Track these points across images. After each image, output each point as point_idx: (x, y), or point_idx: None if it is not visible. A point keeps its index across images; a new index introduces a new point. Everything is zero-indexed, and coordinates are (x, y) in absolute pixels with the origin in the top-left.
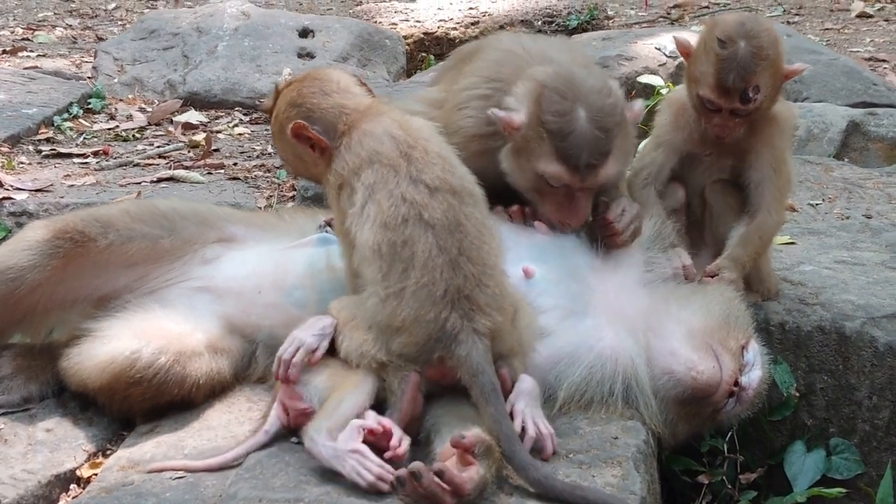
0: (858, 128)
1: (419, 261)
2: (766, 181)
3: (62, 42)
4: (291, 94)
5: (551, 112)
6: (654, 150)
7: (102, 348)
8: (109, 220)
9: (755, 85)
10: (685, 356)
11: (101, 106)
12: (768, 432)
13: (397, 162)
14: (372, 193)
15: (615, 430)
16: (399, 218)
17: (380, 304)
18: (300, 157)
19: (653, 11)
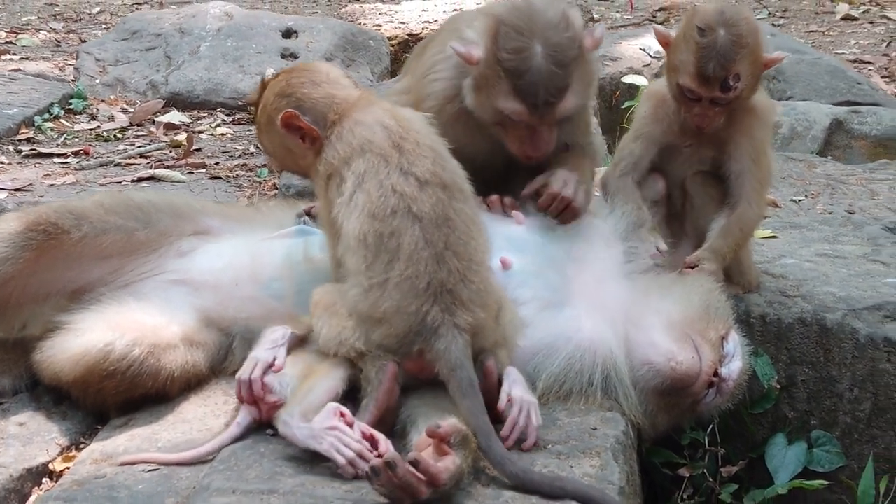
0: (842, 126)
1: (405, 253)
2: (746, 172)
3: (45, 45)
4: (280, 85)
5: (507, 50)
6: (633, 141)
7: (76, 341)
8: (83, 211)
9: (735, 73)
10: (665, 347)
11: (83, 106)
12: (749, 425)
13: (389, 152)
14: (361, 182)
15: (594, 421)
16: (388, 209)
17: (362, 294)
18: (288, 148)
19: (638, 14)
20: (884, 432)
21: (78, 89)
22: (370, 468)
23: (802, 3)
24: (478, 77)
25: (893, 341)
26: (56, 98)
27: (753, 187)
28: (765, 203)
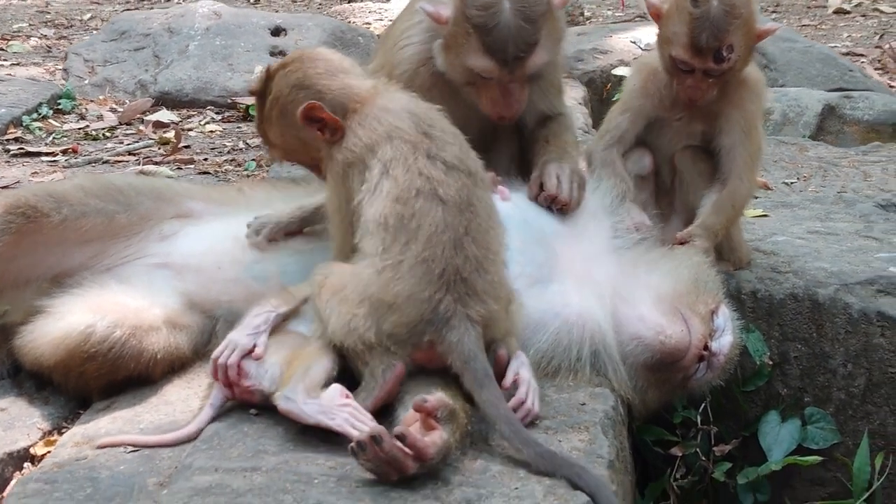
0: (834, 111)
1: (424, 234)
2: (737, 146)
3: (36, 51)
4: (295, 75)
5: (476, 6)
6: (621, 114)
7: (56, 324)
8: (63, 194)
9: (729, 44)
10: (653, 321)
11: (72, 106)
12: (742, 403)
13: (417, 138)
14: (388, 170)
15: (583, 397)
16: (413, 191)
17: (375, 275)
18: (301, 140)
19: (630, 12)
20: (878, 408)
21: (66, 89)
22: (356, 442)
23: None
24: (447, 37)
25: (887, 315)
26: (45, 98)
27: (745, 162)
28: (756, 178)
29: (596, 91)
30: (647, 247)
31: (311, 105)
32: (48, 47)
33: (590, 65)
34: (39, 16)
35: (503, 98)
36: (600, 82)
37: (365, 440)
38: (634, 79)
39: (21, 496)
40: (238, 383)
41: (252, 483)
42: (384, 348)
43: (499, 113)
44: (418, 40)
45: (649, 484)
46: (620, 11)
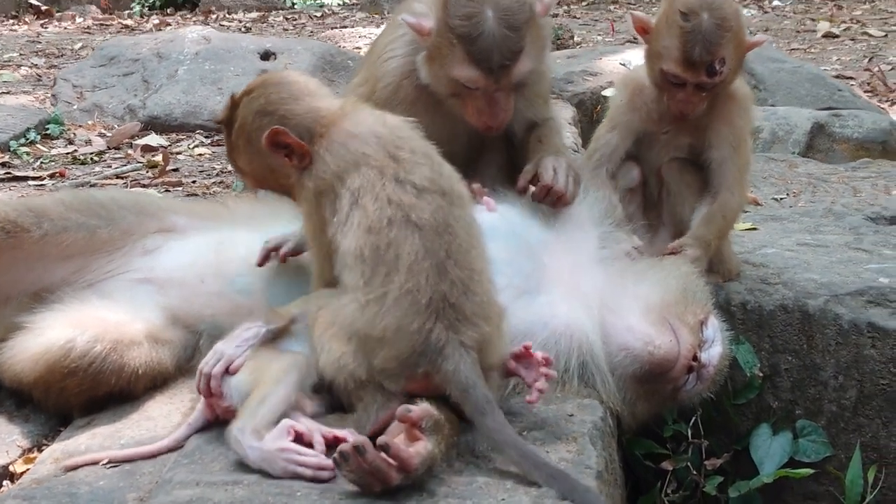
0: (823, 129)
1: (404, 263)
2: (727, 161)
3: (27, 80)
4: (258, 102)
5: (458, 16)
6: (609, 131)
7: (36, 340)
8: (43, 209)
9: (721, 57)
10: (642, 331)
11: (60, 131)
12: (733, 416)
13: (384, 163)
14: (358, 199)
15: (571, 408)
16: (384, 220)
17: (359, 311)
18: (270, 167)
19: (619, 37)
20: (870, 420)
21: (55, 115)
22: (339, 453)
23: (783, 23)
24: (431, 48)
25: (877, 326)
26: (33, 123)
27: (734, 175)
28: (746, 191)
29: (585, 113)
30: (633, 258)
31: (274, 130)
32: (38, 76)
33: (579, 86)
34: (30, 45)
35: (489, 108)
36: (590, 104)
37: (348, 450)
38: (620, 94)
39: None
40: (219, 399)
41: (234, 496)
42: (377, 384)
43: (485, 123)
44: (401, 53)
45: (640, 498)
46: (610, 37)
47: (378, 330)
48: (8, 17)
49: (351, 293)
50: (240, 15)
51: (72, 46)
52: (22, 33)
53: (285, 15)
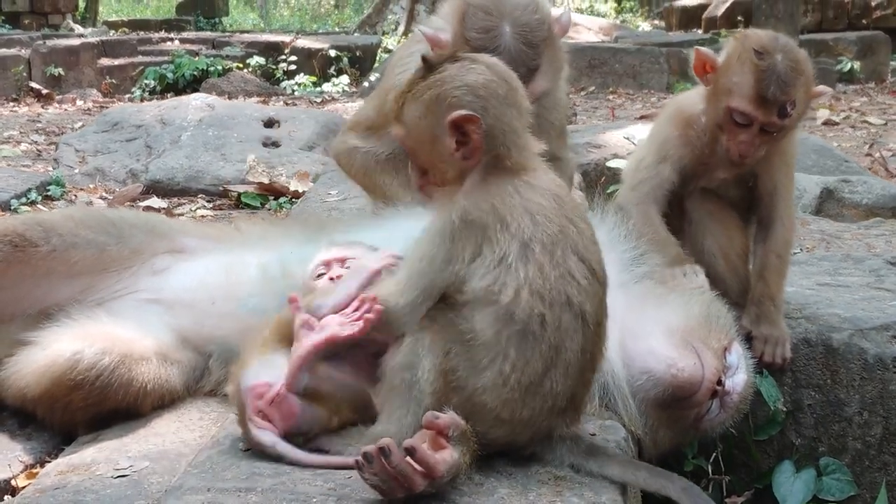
0: (832, 194)
1: (563, 363)
2: (779, 189)
3: (26, 155)
4: (475, 77)
5: (476, 29)
6: (659, 162)
7: (42, 353)
8: (52, 224)
9: (793, 100)
10: (664, 354)
11: (61, 193)
12: (755, 453)
13: (565, 225)
14: (528, 251)
15: (593, 428)
16: (563, 297)
17: (498, 383)
18: (433, 141)
19: (620, 122)
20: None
21: (56, 176)
22: (362, 454)
23: None
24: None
25: None
26: (34, 184)
27: (786, 204)
28: (794, 220)
29: (590, 184)
30: (655, 282)
31: (470, 117)
32: (38, 151)
33: (584, 158)
34: (30, 124)
35: None
36: (594, 175)
37: (372, 452)
38: (669, 126)
39: None
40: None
41: (247, 502)
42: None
43: None
44: (415, 65)
45: None
46: (611, 121)
47: (507, 412)
48: (9, 100)
49: (491, 356)
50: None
51: (72, 125)
52: (23, 113)
53: (285, 100)
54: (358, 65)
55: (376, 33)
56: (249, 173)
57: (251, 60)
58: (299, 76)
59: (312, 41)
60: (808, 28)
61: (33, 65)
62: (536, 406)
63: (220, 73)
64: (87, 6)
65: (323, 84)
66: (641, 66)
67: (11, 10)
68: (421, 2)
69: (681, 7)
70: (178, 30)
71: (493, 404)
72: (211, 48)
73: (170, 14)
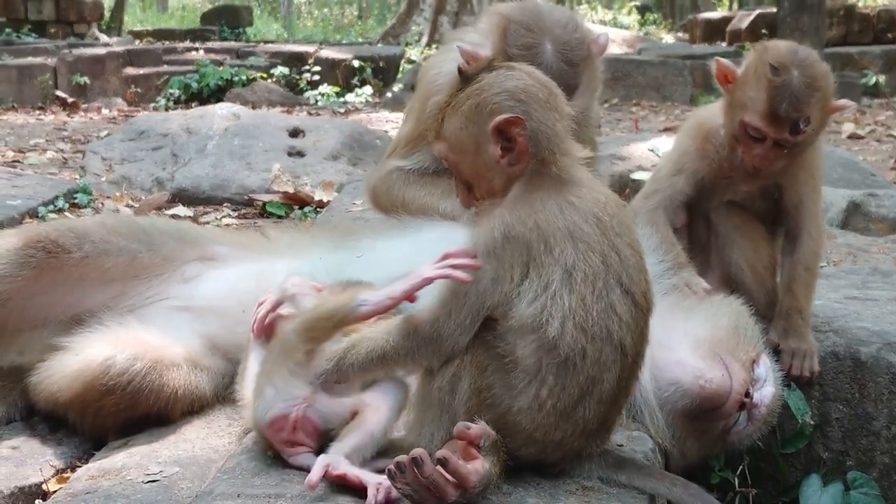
0: (859, 208)
1: (597, 393)
2: (805, 202)
3: (52, 163)
4: (516, 83)
5: (518, 45)
6: (674, 174)
7: (74, 358)
8: (85, 231)
9: (807, 116)
10: (692, 365)
11: (88, 201)
12: (782, 466)
13: (608, 253)
14: (570, 278)
15: (620, 439)
16: (604, 331)
17: (534, 407)
18: (477, 149)
19: (644, 134)
20: None
21: (83, 184)
22: (395, 464)
23: None
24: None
25: None
26: (61, 192)
27: (813, 216)
28: (822, 231)
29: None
30: (683, 294)
31: (515, 119)
32: (64, 159)
33: (608, 170)
34: (56, 133)
35: None
36: (618, 187)
37: (405, 462)
38: (687, 139)
39: None
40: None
41: None
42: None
43: None
44: (450, 69)
45: None
46: (634, 133)
47: (540, 433)
48: (35, 108)
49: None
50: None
51: (97, 134)
52: (48, 122)
53: (309, 110)
54: (381, 75)
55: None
56: (274, 182)
57: (275, 70)
58: (323, 86)
59: (336, 52)
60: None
61: (59, 73)
62: (569, 430)
63: (245, 83)
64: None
65: (346, 94)
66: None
67: (37, 19)
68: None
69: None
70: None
71: (526, 426)
72: (235, 58)
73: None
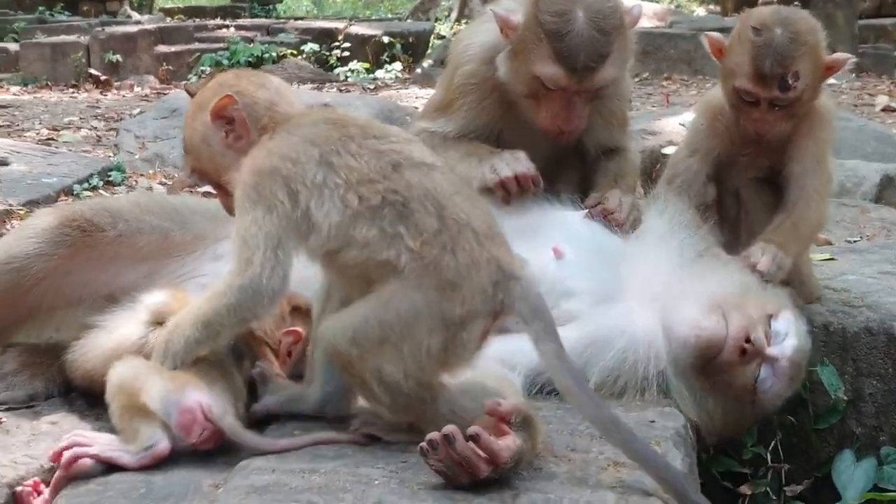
0: (893, 182)
1: (444, 196)
2: (808, 174)
3: (86, 140)
4: (226, 77)
5: (550, 12)
6: (689, 156)
7: (108, 337)
8: (119, 209)
9: (794, 71)
10: (689, 317)
11: (122, 179)
12: (814, 441)
13: (345, 131)
14: (328, 164)
15: (651, 415)
16: (388, 166)
17: (417, 255)
18: (208, 142)
19: (675, 109)
20: None
21: (117, 162)
22: (427, 441)
23: (841, 97)
24: (516, 42)
25: None
26: (95, 170)
27: (815, 189)
28: (826, 209)
29: (645, 171)
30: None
31: (226, 98)
32: (98, 137)
33: (639, 145)
34: (90, 110)
35: (565, 112)
36: (649, 162)
37: (437, 439)
38: (700, 119)
39: (72, 497)
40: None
41: (310, 483)
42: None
43: (558, 127)
44: (481, 40)
45: None
46: (665, 107)
47: (451, 272)
48: (68, 86)
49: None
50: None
51: (130, 111)
52: (82, 99)
53: (339, 87)
54: (411, 51)
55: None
56: None
57: (305, 47)
58: (352, 63)
59: (365, 28)
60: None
61: (92, 51)
62: (466, 246)
63: (275, 59)
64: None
65: (376, 71)
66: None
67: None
68: None
69: None
70: (233, 16)
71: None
72: (265, 35)
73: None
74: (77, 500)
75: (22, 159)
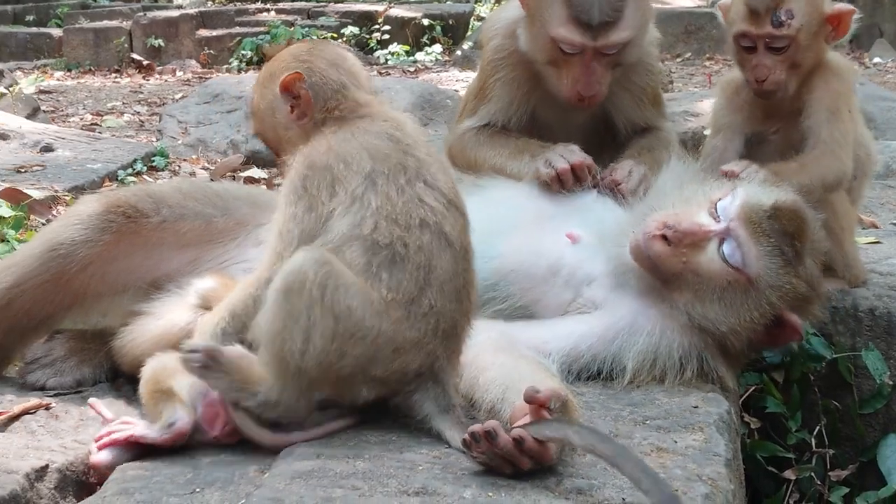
0: None
1: (437, 280)
2: (823, 124)
3: (130, 126)
4: (300, 49)
5: None
6: (714, 136)
7: (156, 323)
8: (162, 196)
9: (787, 9)
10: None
11: (165, 164)
12: (859, 426)
13: (403, 159)
14: (372, 183)
15: (695, 401)
16: (416, 220)
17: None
18: (273, 112)
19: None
20: None
21: (160, 148)
22: (469, 434)
23: (886, 76)
24: (532, 8)
25: None
26: (139, 155)
27: (830, 136)
28: (844, 159)
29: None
30: None
31: (295, 75)
32: (141, 122)
33: (681, 127)
34: (133, 95)
35: (584, 76)
36: (691, 144)
37: (479, 432)
38: (720, 98)
39: (120, 482)
40: None
41: (355, 468)
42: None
43: (578, 93)
44: (507, 16)
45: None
46: (708, 88)
47: (398, 338)
48: (111, 71)
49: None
50: None
51: (172, 96)
52: (125, 84)
53: (379, 70)
54: (451, 33)
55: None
56: None
57: (345, 30)
58: (392, 45)
59: (405, 10)
60: None
61: (134, 36)
62: (422, 327)
63: None
64: None
65: (416, 53)
66: None
67: None
68: None
69: None
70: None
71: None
72: (306, 18)
73: None
74: (125, 485)
75: (67, 145)
